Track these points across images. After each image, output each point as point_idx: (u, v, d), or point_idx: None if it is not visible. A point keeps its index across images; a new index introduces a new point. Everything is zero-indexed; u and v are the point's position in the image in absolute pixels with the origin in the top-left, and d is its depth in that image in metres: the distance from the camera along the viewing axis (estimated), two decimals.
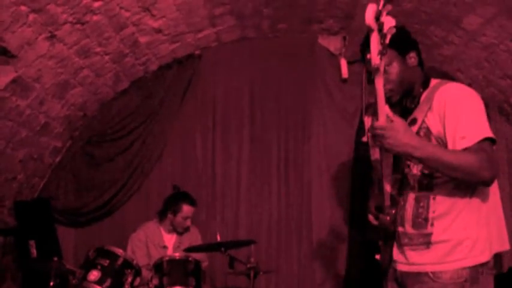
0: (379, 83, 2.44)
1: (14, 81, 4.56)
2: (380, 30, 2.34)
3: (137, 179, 5.91)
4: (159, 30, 5.31)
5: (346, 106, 5.96)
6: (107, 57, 5.26)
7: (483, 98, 5.72)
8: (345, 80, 5.97)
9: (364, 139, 5.80)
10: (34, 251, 5.32)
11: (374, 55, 2.38)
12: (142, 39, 5.33)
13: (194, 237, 5.26)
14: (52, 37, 4.49)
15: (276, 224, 5.91)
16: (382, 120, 2.45)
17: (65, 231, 5.91)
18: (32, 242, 5.32)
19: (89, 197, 5.82)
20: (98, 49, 5.06)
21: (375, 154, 3.94)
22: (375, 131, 2.47)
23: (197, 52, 6.03)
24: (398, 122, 2.47)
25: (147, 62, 5.79)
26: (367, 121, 5.85)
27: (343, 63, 5.89)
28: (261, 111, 6.07)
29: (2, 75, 4.47)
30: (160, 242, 5.12)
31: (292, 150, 6.01)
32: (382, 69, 2.42)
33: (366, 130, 5.77)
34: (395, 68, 2.73)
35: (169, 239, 5.19)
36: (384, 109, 2.46)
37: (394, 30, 2.34)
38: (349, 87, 5.96)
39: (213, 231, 5.60)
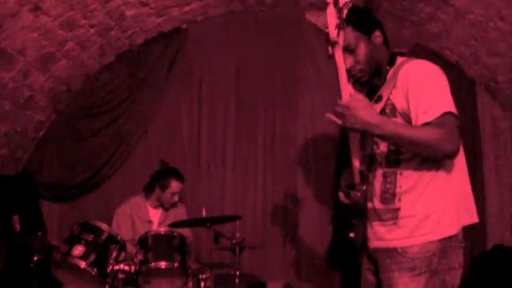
0: (339, 57, 2.56)
1: None
2: (335, 4, 2.43)
3: (122, 154, 5.87)
4: (145, 4, 5.25)
5: (334, 82, 5.89)
6: (92, 30, 5.19)
7: (470, 76, 5.77)
8: (332, 56, 5.89)
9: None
10: (17, 226, 5.28)
11: (331, 29, 2.46)
12: (128, 12, 5.26)
13: (180, 213, 5.24)
14: (36, 9, 4.42)
15: (262, 200, 5.89)
16: (345, 99, 2.54)
17: (50, 206, 5.88)
18: (15, 217, 5.28)
19: (73, 171, 5.78)
20: (83, 22, 4.99)
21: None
22: (337, 109, 2.56)
23: (183, 26, 5.96)
24: (359, 99, 2.54)
25: (133, 36, 5.72)
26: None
27: None
28: (247, 86, 6.02)
29: None
30: (145, 216, 5.10)
31: (279, 126, 5.98)
32: (341, 43, 2.51)
33: None
34: (362, 49, 2.77)
35: (155, 214, 5.17)
36: (346, 87, 2.55)
37: (350, 5, 2.45)
38: None
39: (198, 207, 5.58)
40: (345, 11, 2.44)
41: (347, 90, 2.55)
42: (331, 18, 2.44)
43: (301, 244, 5.81)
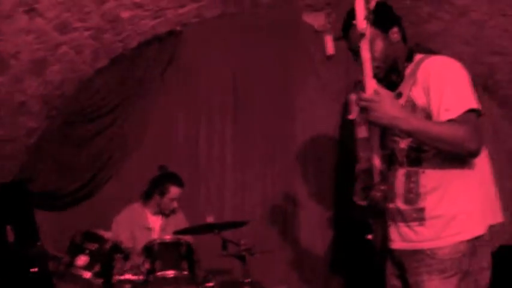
0: (365, 49, 2.46)
1: None
2: None
3: (117, 160, 5.73)
4: (140, 5, 5.11)
5: (332, 83, 5.86)
6: (86, 33, 5.03)
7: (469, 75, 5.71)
8: (330, 57, 5.85)
9: (351, 117, 5.75)
10: (11, 236, 5.13)
11: (360, 20, 2.41)
12: (124, 15, 5.11)
13: (180, 220, 5.10)
14: (31, 10, 4.27)
15: (262, 205, 5.80)
16: (369, 92, 2.48)
17: (44, 215, 5.69)
18: (8, 227, 5.13)
19: (67, 179, 5.63)
20: (78, 24, 4.83)
21: (361, 132, 3.92)
22: (362, 103, 2.50)
23: (178, 28, 5.83)
24: (385, 94, 2.49)
25: (127, 39, 5.56)
26: (353, 99, 5.81)
27: (329, 39, 5.77)
28: (244, 88, 5.91)
29: None
30: (145, 224, 4.96)
31: (277, 128, 5.88)
32: (368, 34, 2.44)
33: (352, 107, 5.73)
34: (378, 46, 2.74)
35: (155, 221, 5.03)
36: (371, 81, 2.48)
37: None
38: (335, 64, 5.86)
39: (197, 212, 5.55)
40: (373, 3, 2.40)
41: (371, 84, 2.48)
42: (359, 9, 2.41)
43: (302, 248, 5.73)
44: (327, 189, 5.78)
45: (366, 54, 2.46)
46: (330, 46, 5.77)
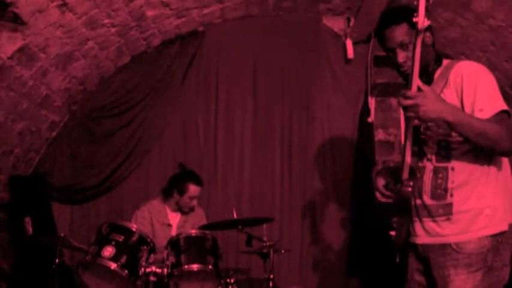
0: (419, 46, 2.46)
1: (21, 49, 4.39)
2: None
3: (137, 156, 5.78)
4: (166, 4, 5.18)
5: (350, 87, 5.92)
6: (113, 30, 5.10)
7: None
8: (349, 61, 5.92)
9: (370, 120, 5.83)
10: (30, 228, 5.17)
11: (421, 17, 2.38)
12: (149, 13, 5.18)
13: (199, 217, 5.16)
14: (63, 5, 4.33)
15: (279, 204, 5.85)
16: (414, 89, 2.52)
17: (61, 208, 5.76)
18: (27, 219, 5.16)
19: (86, 173, 5.68)
20: (106, 21, 4.90)
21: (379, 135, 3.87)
22: (407, 101, 2.52)
23: (200, 29, 5.89)
24: (428, 89, 2.56)
25: (151, 37, 5.63)
26: (372, 102, 5.88)
27: (349, 43, 5.84)
28: (264, 90, 5.97)
29: (9, 43, 4.30)
30: (165, 220, 5.00)
31: (296, 130, 5.93)
32: (422, 32, 2.44)
33: (371, 111, 5.81)
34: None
35: (174, 218, 5.07)
36: (416, 79, 2.52)
37: None
38: (353, 68, 5.93)
39: (215, 210, 5.68)
40: (431, 1, 2.41)
41: (416, 80, 2.53)
42: (422, 7, 2.38)
43: (319, 249, 5.78)
44: (344, 190, 5.82)
45: (418, 50, 2.47)
46: (349, 50, 5.85)
